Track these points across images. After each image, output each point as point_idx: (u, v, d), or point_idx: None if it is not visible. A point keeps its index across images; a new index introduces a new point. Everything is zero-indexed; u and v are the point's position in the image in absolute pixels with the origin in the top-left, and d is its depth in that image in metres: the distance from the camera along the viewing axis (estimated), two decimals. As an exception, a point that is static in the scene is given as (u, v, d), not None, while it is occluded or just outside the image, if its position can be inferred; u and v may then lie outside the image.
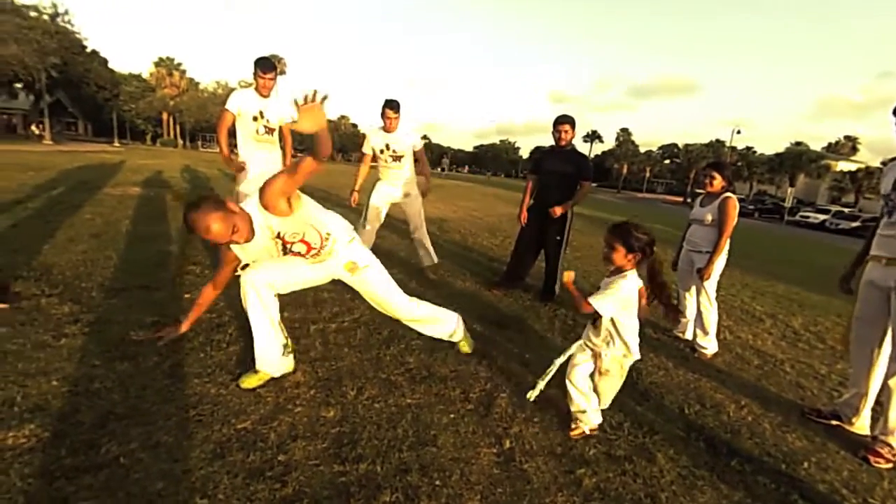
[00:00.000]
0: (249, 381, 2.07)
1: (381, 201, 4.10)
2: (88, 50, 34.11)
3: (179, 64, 46.02)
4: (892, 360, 2.10)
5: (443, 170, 38.32)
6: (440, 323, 2.56)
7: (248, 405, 1.94)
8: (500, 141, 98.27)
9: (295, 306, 3.08)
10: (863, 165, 43.31)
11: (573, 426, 2.03)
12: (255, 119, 3.58)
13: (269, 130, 3.69)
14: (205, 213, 1.74)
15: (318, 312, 3.08)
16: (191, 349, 2.35)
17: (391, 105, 3.80)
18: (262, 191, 1.88)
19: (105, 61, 39.79)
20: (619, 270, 1.91)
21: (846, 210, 29.47)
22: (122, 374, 2.05)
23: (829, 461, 2.08)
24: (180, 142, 45.54)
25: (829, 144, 56.11)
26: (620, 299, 1.86)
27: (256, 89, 3.58)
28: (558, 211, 3.73)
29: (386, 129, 3.89)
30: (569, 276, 1.95)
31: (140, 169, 12.47)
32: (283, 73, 54.29)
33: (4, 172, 8.52)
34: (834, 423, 2.38)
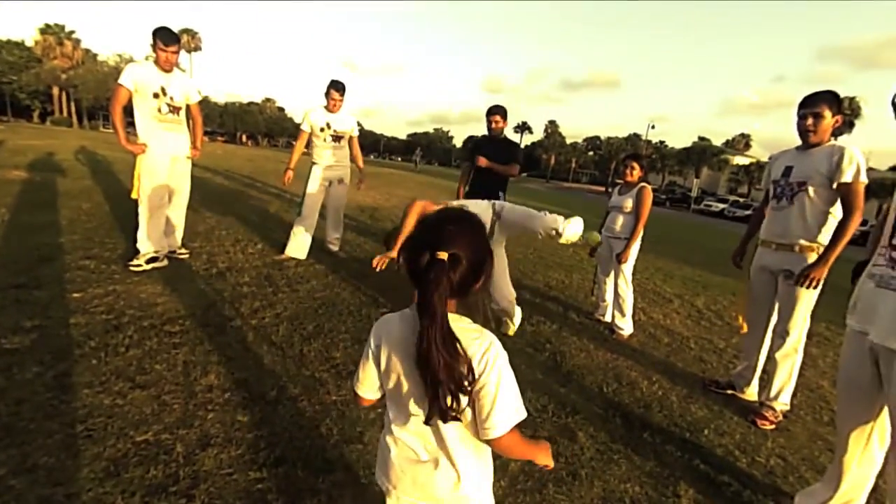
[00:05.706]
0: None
1: (318, 187, 4.06)
2: (-49, 9, 29.01)
3: (72, 32, 40.65)
4: (777, 335, 2.37)
5: (416, 163, 35.47)
6: None
7: (150, 415, 1.75)
8: (434, 129, 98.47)
9: (209, 303, 2.85)
10: (755, 160, 48.71)
11: None
12: (155, 96, 3.19)
13: (174, 109, 3.32)
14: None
15: (237, 309, 2.86)
16: (80, 356, 2.07)
17: (337, 86, 3.89)
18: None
19: (-25, 24, 34.09)
20: None
21: (741, 199, 33.15)
22: (-9, 388, 1.76)
23: (725, 427, 2.30)
24: (76, 120, 40.38)
25: (727, 140, 62.33)
26: None
27: (157, 63, 3.20)
28: (483, 162, 3.66)
29: (329, 109, 3.97)
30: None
31: (24, 150, 10.84)
32: (197, 48, 50.14)
33: None
34: (729, 392, 2.65)
